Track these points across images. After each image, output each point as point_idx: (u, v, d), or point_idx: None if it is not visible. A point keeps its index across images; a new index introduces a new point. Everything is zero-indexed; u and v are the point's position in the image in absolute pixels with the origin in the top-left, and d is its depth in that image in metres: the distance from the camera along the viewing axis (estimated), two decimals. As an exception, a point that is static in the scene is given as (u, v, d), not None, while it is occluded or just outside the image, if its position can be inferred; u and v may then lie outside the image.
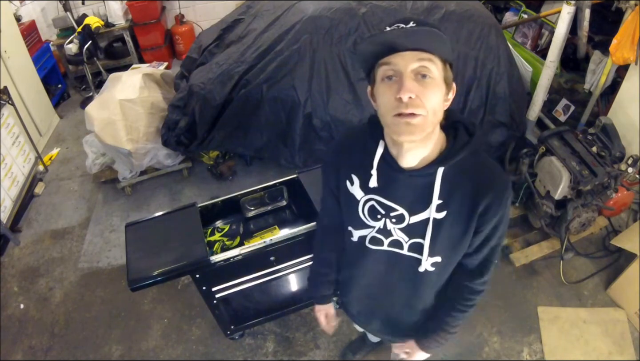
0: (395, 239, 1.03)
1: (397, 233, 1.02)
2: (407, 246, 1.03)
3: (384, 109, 0.88)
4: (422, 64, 0.83)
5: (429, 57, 0.83)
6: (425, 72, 0.83)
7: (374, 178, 0.99)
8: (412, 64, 0.83)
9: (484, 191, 0.93)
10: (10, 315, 2.47)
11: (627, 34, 2.25)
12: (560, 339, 2.20)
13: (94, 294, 2.54)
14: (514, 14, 3.63)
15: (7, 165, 2.90)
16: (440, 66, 0.86)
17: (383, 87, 0.87)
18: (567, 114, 3.04)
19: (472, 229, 0.97)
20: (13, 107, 3.06)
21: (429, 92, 0.84)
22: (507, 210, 0.98)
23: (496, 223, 0.97)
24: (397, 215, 1.00)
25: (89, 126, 2.85)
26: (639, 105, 2.41)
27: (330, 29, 2.65)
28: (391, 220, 1.01)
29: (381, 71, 0.87)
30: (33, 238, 2.92)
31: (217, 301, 1.85)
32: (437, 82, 0.85)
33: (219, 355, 2.22)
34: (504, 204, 0.96)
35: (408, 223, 0.99)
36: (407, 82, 0.82)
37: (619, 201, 2.39)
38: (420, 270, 1.04)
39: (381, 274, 1.14)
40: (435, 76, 0.84)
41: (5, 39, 3.24)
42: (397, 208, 0.99)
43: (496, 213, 0.95)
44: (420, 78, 0.84)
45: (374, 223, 1.04)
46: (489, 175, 0.96)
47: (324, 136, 2.72)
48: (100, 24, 3.88)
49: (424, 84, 0.83)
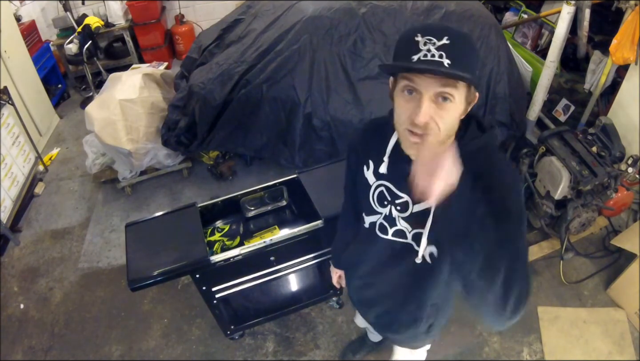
0: (399, 229, 1.04)
1: (401, 222, 1.03)
2: (410, 236, 1.03)
3: (397, 118, 0.88)
4: (445, 90, 0.81)
5: (454, 84, 0.80)
6: (446, 96, 0.81)
7: (385, 165, 1.01)
8: (434, 88, 0.81)
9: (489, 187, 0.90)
10: (10, 315, 2.47)
11: (627, 34, 2.25)
12: (560, 339, 2.20)
13: (94, 294, 2.54)
14: (514, 14, 3.62)
15: (7, 165, 2.90)
16: (464, 89, 0.83)
17: (401, 99, 0.86)
18: (567, 114, 3.04)
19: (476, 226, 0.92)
20: (13, 107, 3.06)
21: (446, 116, 0.83)
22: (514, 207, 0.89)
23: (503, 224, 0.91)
24: (402, 203, 1.01)
25: (89, 126, 2.85)
26: (639, 105, 2.41)
27: (330, 29, 2.65)
28: (396, 207, 1.02)
29: (403, 83, 0.84)
30: (33, 238, 2.92)
31: (217, 301, 1.85)
32: (456, 105, 0.83)
33: (219, 355, 2.22)
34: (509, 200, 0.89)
35: (411, 212, 1.00)
36: (424, 108, 0.81)
37: (619, 201, 2.39)
38: (417, 261, 1.04)
39: (382, 264, 1.15)
40: (456, 99, 0.82)
41: (5, 39, 3.24)
42: (402, 196, 1.00)
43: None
44: (440, 101, 0.82)
45: (381, 210, 1.06)
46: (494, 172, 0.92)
47: (324, 136, 2.72)
48: (100, 24, 3.88)
49: (443, 107, 0.82)
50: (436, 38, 0.79)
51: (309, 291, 2.17)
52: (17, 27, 3.55)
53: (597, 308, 2.31)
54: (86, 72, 4.00)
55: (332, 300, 2.30)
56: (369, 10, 2.68)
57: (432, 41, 0.79)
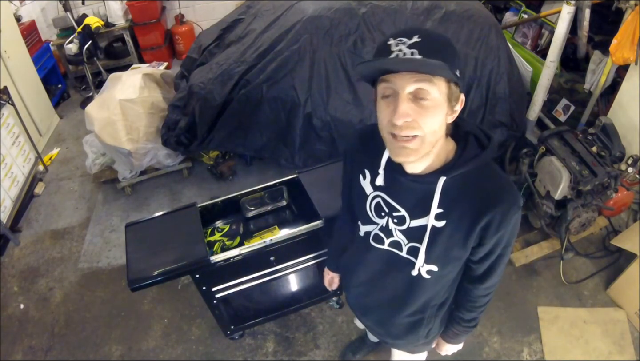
0: (396, 240, 1.04)
1: (398, 234, 1.02)
2: (405, 249, 1.03)
3: (380, 125, 0.88)
4: (420, 86, 0.80)
5: (429, 79, 0.80)
6: (422, 95, 0.81)
7: (381, 177, 1.01)
8: (409, 85, 0.80)
9: (487, 207, 0.91)
10: (10, 315, 2.47)
11: (627, 34, 2.25)
12: (560, 339, 2.20)
13: (94, 294, 2.54)
14: (514, 14, 3.63)
15: (7, 165, 2.90)
16: (444, 85, 0.82)
17: (381, 105, 0.86)
18: (567, 114, 3.04)
19: (472, 243, 0.96)
20: (13, 107, 3.06)
21: (426, 115, 0.82)
22: (513, 225, 0.95)
23: (499, 238, 0.95)
24: (399, 216, 1.00)
25: (89, 126, 2.85)
26: (639, 105, 2.41)
27: (330, 29, 2.65)
28: (393, 220, 1.02)
29: (381, 87, 0.85)
30: (33, 238, 2.92)
31: (217, 301, 1.85)
32: (436, 104, 0.82)
33: (219, 355, 2.22)
34: (509, 220, 0.93)
35: (408, 226, 1.00)
36: (401, 106, 0.80)
37: (619, 201, 2.39)
38: (413, 274, 1.04)
39: (378, 272, 1.15)
40: (435, 97, 0.81)
41: (5, 39, 3.24)
42: (399, 209, 1.00)
43: (499, 228, 0.93)
44: (419, 100, 0.81)
45: (378, 220, 1.05)
46: (495, 190, 0.93)
47: (324, 136, 2.72)
48: (100, 24, 3.88)
49: (422, 105, 0.81)
50: (407, 38, 0.80)
51: (309, 291, 2.17)
52: (17, 27, 3.55)
53: (597, 308, 2.31)
54: (86, 72, 4.00)
55: (332, 300, 2.30)
56: (369, 10, 2.68)
57: (403, 41, 0.80)
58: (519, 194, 0.95)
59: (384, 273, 1.13)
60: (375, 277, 1.17)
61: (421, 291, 1.10)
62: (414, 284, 1.08)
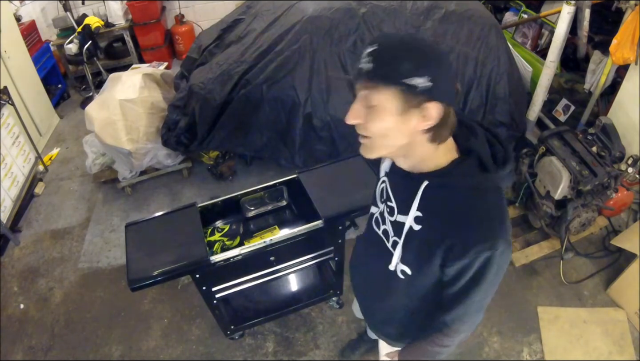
0: (386, 229, 1.07)
1: (388, 224, 1.06)
2: (391, 241, 1.05)
3: None
4: (366, 93, 0.85)
5: (374, 86, 0.83)
6: (368, 101, 0.85)
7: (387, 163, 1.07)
8: (360, 91, 0.88)
9: (452, 231, 0.88)
10: (10, 315, 2.47)
11: (627, 34, 2.25)
12: (560, 339, 2.20)
13: (94, 294, 2.54)
14: (514, 14, 3.63)
15: (7, 165, 2.90)
16: (391, 94, 0.82)
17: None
18: (567, 114, 3.04)
19: (437, 259, 0.92)
20: (13, 107, 3.06)
21: (371, 120, 0.86)
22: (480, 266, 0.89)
23: (461, 269, 0.90)
24: (391, 207, 1.04)
25: (89, 126, 2.85)
26: (639, 105, 2.41)
27: (330, 29, 2.65)
28: (387, 209, 1.06)
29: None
30: (33, 238, 2.92)
31: (217, 301, 1.85)
32: (382, 109, 0.84)
33: (219, 355, 2.22)
34: (470, 256, 0.87)
35: (395, 219, 1.02)
36: (352, 109, 0.89)
37: (619, 201, 2.39)
38: (391, 268, 1.06)
39: (370, 256, 1.20)
40: (380, 103, 0.83)
41: (5, 39, 3.24)
42: (392, 200, 1.04)
43: (460, 258, 0.88)
44: (369, 106, 0.86)
45: (379, 205, 1.10)
46: (468, 219, 0.88)
47: (324, 136, 2.72)
48: (100, 24, 3.88)
49: (371, 112, 0.86)
50: (370, 45, 0.83)
51: (309, 291, 2.18)
52: (17, 27, 3.55)
53: (597, 308, 2.31)
54: (86, 72, 4.00)
55: (332, 300, 2.30)
56: (369, 10, 2.68)
57: (367, 49, 0.84)
58: (499, 239, 0.87)
59: (373, 257, 1.17)
60: (367, 259, 1.25)
61: (394, 290, 1.11)
62: (390, 279, 1.08)
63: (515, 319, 2.28)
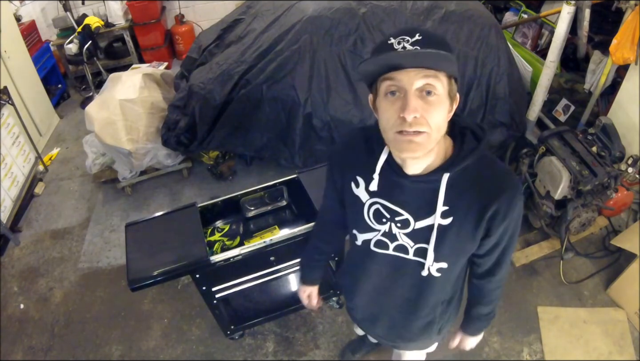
0: (401, 244, 1.02)
1: (402, 238, 1.01)
2: (412, 251, 1.02)
3: (386, 124, 0.86)
4: (427, 82, 0.81)
5: (435, 74, 0.80)
6: (430, 89, 0.81)
7: (375, 182, 0.98)
8: (417, 81, 0.80)
9: (492, 196, 0.91)
10: (10, 315, 2.47)
11: (627, 34, 2.24)
12: (560, 339, 2.20)
13: (94, 294, 2.54)
14: (514, 14, 3.63)
15: (7, 165, 2.90)
16: (446, 81, 0.83)
17: (386, 103, 0.85)
18: (567, 114, 3.04)
19: (480, 234, 0.96)
20: (13, 107, 3.06)
21: (433, 110, 0.82)
22: (517, 212, 0.96)
23: (506, 227, 0.96)
24: (403, 220, 0.98)
25: (89, 126, 2.85)
26: (639, 105, 2.41)
27: (330, 29, 2.65)
28: (396, 224, 1.00)
29: (384, 85, 0.84)
30: (33, 238, 2.92)
31: (217, 301, 1.85)
32: (441, 99, 0.83)
33: (219, 355, 2.22)
34: (514, 207, 0.93)
35: (413, 228, 0.98)
36: (411, 102, 0.80)
37: (619, 201, 2.39)
38: (423, 274, 1.03)
39: (386, 279, 1.12)
40: (440, 92, 0.82)
41: (5, 39, 3.24)
42: (402, 213, 0.98)
43: (505, 217, 0.93)
44: (424, 95, 0.81)
45: (379, 227, 1.02)
46: (497, 179, 0.94)
47: (324, 136, 2.72)
48: (100, 24, 3.88)
49: (429, 101, 0.81)
50: (409, 36, 0.81)
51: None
52: (17, 27, 3.55)
53: (597, 308, 2.31)
54: (86, 72, 4.00)
55: (332, 300, 2.30)
56: (369, 10, 2.68)
57: (406, 39, 0.80)
58: (518, 180, 0.97)
59: (392, 279, 1.11)
60: (382, 284, 1.15)
61: (431, 291, 1.10)
62: (423, 285, 1.08)
63: (515, 319, 2.28)
